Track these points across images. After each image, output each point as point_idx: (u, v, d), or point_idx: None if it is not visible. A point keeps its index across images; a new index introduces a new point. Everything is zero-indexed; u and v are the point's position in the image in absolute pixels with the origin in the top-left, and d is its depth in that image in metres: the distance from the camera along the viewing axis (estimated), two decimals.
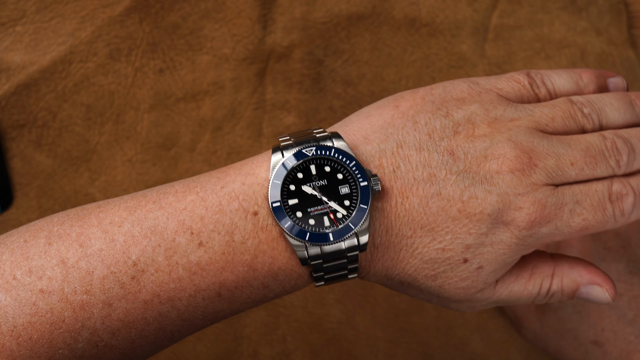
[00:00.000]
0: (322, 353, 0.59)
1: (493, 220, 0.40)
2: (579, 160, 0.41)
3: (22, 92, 0.58)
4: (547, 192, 0.40)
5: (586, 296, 0.45)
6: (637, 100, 0.46)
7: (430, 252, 0.40)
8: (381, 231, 0.40)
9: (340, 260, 0.40)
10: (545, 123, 0.42)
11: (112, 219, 0.39)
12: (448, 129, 0.41)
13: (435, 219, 0.40)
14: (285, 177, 0.39)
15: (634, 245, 0.55)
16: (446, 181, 0.40)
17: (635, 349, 0.52)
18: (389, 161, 0.40)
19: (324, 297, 0.60)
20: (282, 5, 0.61)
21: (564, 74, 0.46)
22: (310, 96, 0.61)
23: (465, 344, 0.60)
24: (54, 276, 0.37)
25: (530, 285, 0.43)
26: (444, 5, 0.62)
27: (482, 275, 0.41)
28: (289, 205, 0.39)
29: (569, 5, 0.63)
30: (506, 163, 0.40)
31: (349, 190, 0.40)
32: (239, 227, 0.39)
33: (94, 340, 0.38)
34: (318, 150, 0.40)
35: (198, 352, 0.58)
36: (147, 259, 0.38)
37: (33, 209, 0.58)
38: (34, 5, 0.58)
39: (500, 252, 0.41)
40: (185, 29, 0.60)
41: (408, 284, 0.42)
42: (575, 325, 0.54)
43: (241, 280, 0.39)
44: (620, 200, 0.42)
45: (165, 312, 0.39)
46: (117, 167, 0.59)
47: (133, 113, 0.59)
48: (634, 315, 0.52)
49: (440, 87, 0.43)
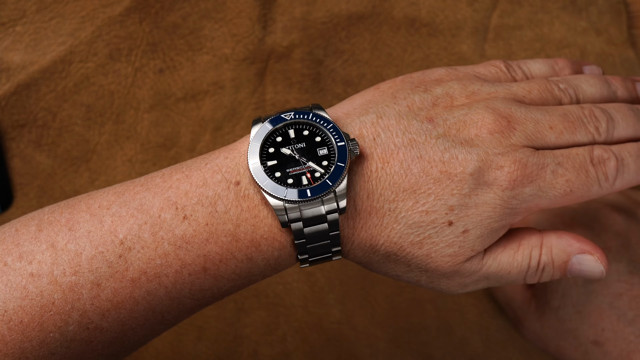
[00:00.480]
0: (322, 353, 0.59)
1: (475, 180, 0.40)
2: (557, 125, 0.42)
3: (22, 92, 0.58)
4: (527, 152, 0.41)
5: (578, 267, 0.44)
6: (613, 80, 0.47)
7: (414, 215, 0.40)
8: (362, 196, 0.40)
9: (320, 224, 0.40)
10: (523, 95, 0.43)
11: (101, 202, 0.40)
12: (427, 101, 0.42)
13: (417, 180, 0.40)
14: (264, 140, 0.40)
15: (635, 246, 0.55)
16: (426, 144, 0.40)
17: (635, 349, 0.52)
18: (369, 130, 0.41)
19: (324, 297, 0.60)
20: (282, 5, 0.61)
21: (539, 60, 0.47)
22: (310, 96, 0.61)
23: (465, 344, 0.60)
24: (43, 260, 0.38)
25: (519, 256, 0.43)
26: (444, 5, 0.62)
27: (469, 239, 0.41)
28: (268, 166, 0.40)
29: (569, 5, 0.63)
30: (485, 126, 0.41)
31: (327, 152, 0.40)
32: (221, 197, 0.39)
33: (84, 322, 0.38)
34: (296, 115, 0.41)
35: (198, 352, 0.58)
36: (134, 237, 0.39)
37: (33, 209, 0.58)
38: (34, 5, 0.58)
39: (485, 214, 0.41)
40: (185, 29, 0.60)
41: (394, 255, 0.41)
42: (575, 325, 0.54)
43: (225, 252, 0.39)
44: (603, 164, 0.42)
45: (153, 290, 0.39)
46: (117, 167, 0.59)
47: (133, 113, 0.60)
48: (634, 315, 0.52)
49: (420, 72, 0.44)
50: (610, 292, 0.53)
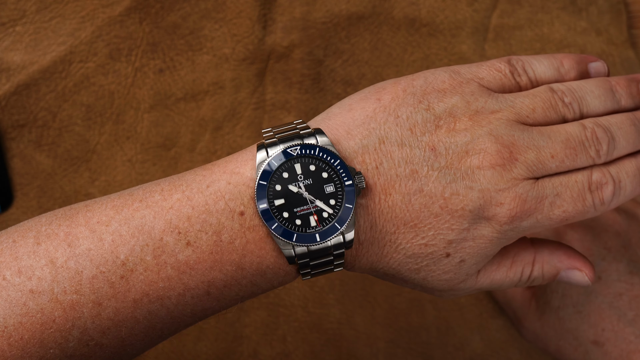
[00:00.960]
0: (322, 353, 0.59)
1: (474, 215, 0.40)
2: (559, 153, 0.42)
3: (22, 92, 0.58)
4: (527, 186, 0.41)
5: (566, 279, 0.45)
6: (618, 86, 0.46)
7: (414, 247, 0.41)
8: (365, 228, 0.40)
9: (326, 258, 0.40)
10: (526, 115, 0.43)
11: (100, 218, 0.39)
12: (429, 123, 0.41)
13: (418, 215, 0.40)
14: (271, 177, 0.40)
15: (635, 246, 0.55)
16: (428, 178, 0.40)
17: (635, 349, 0.52)
18: (371, 157, 0.41)
19: (324, 297, 0.60)
20: (282, 5, 0.61)
21: (545, 61, 0.46)
22: (310, 96, 0.61)
23: (465, 344, 0.60)
24: (43, 276, 0.38)
25: (511, 273, 0.44)
26: (444, 5, 0.62)
27: (464, 268, 0.42)
28: (276, 206, 0.39)
29: (569, 5, 0.63)
30: (487, 158, 0.40)
31: (334, 189, 0.40)
32: (226, 227, 0.39)
33: (85, 339, 0.38)
34: (303, 150, 0.40)
35: (198, 352, 0.58)
36: (136, 259, 0.38)
37: (33, 209, 0.58)
38: (34, 5, 0.58)
39: (481, 246, 0.41)
40: (185, 29, 0.60)
41: (392, 275, 0.42)
42: (575, 325, 0.54)
43: (230, 279, 0.39)
44: (600, 189, 0.42)
45: (154, 310, 0.39)
46: (117, 167, 0.59)
47: (133, 113, 0.59)
48: (634, 315, 0.52)
49: (422, 77, 0.43)
50: (610, 292, 0.53)
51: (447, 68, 0.44)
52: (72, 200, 0.58)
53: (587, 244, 0.55)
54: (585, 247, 0.55)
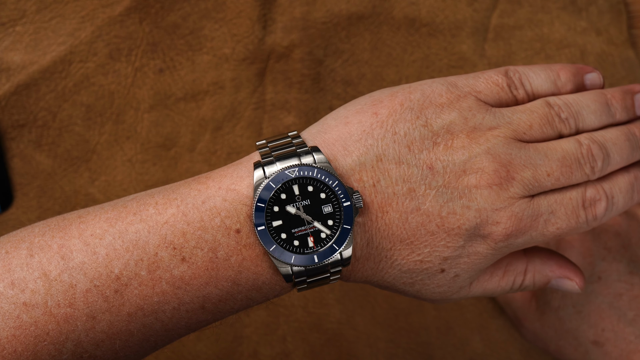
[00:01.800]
0: (322, 353, 0.59)
1: (470, 234, 0.41)
2: (555, 171, 0.42)
3: (22, 92, 0.58)
4: (523, 205, 0.41)
5: (556, 287, 0.46)
6: (613, 100, 0.46)
7: (409, 263, 0.41)
8: (362, 245, 0.41)
9: (323, 275, 0.40)
10: (523, 131, 0.43)
11: (93, 230, 0.39)
12: (427, 140, 0.41)
13: (414, 233, 0.40)
14: (269, 199, 0.39)
15: (635, 246, 0.55)
16: (425, 197, 0.40)
17: (635, 349, 0.52)
18: (368, 175, 0.40)
19: (324, 297, 0.60)
20: (282, 5, 0.61)
21: (542, 73, 0.46)
22: (310, 96, 0.61)
23: (465, 344, 0.60)
24: (36, 289, 0.37)
25: (503, 282, 0.45)
26: (444, 5, 0.62)
27: (458, 282, 0.42)
28: (274, 227, 0.39)
29: (569, 5, 0.63)
30: (484, 177, 0.41)
31: (332, 210, 0.40)
32: (222, 244, 0.39)
33: (78, 351, 0.38)
34: (301, 171, 0.40)
35: (198, 352, 0.58)
36: (130, 273, 0.38)
37: (33, 209, 0.58)
38: (34, 5, 0.58)
39: (476, 262, 0.42)
40: (185, 29, 0.60)
41: (386, 287, 0.43)
42: (575, 326, 0.54)
43: (225, 294, 0.39)
44: (594, 206, 0.43)
45: (149, 324, 0.39)
46: (117, 167, 0.59)
47: (133, 113, 0.59)
48: (634, 315, 0.52)
49: (419, 90, 0.43)
50: (610, 292, 0.53)
51: (444, 80, 0.44)
52: (72, 200, 0.58)
53: (587, 244, 0.55)
54: (585, 247, 0.55)
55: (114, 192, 0.59)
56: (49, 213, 0.58)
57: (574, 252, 0.54)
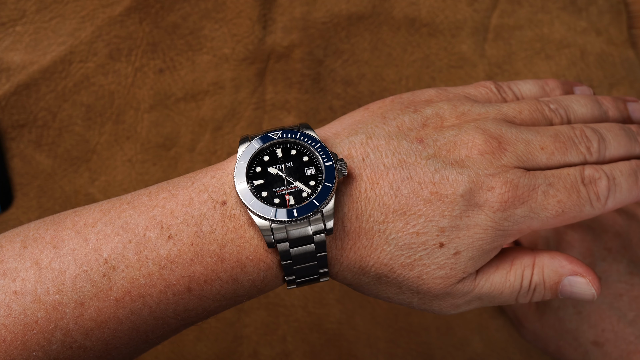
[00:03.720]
0: (322, 353, 0.59)
1: (466, 201, 0.40)
2: (548, 145, 0.42)
3: (22, 92, 0.58)
4: (518, 173, 0.41)
5: (570, 289, 0.44)
6: (604, 100, 0.46)
7: (405, 236, 0.40)
8: (351, 216, 0.40)
9: (307, 244, 0.39)
10: (513, 115, 0.43)
11: (86, 220, 0.39)
12: (416, 122, 0.42)
13: (407, 201, 0.40)
14: (251, 159, 0.40)
15: (635, 246, 0.55)
16: (416, 165, 0.40)
17: (635, 349, 0.52)
18: (357, 151, 0.41)
19: (324, 297, 0.60)
20: (282, 5, 0.61)
21: (529, 81, 0.46)
22: (310, 96, 0.61)
23: (465, 344, 0.60)
24: (27, 277, 0.38)
25: (511, 276, 0.43)
26: (444, 5, 0.62)
27: (460, 261, 0.41)
28: (255, 185, 0.39)
29: (569, 5, 0.63)
30: (475, 147, 0.40)
31: (314, 172, 0.40)
32: (207, 217, 0.39)
33: (68, 341, 0.38)
34: (284, 134, 0.40)
35: (198, 352, 0.58)
36: (118, 256, 0.38)
37: (33, 209, 0.58)
38: (34, 5, 0.58)
39: (476, 236, 0.40)
40: (185, 29, 0.60)
41: (385, 277, 0.41)
42: (575, 326, 0.54)
43: (210, 273, 0.39)
44: (594, 183, 0.42)
45: (137, 309, 0.39)
46: (117, 167, 0.59)
47: (133, 113, 0.59)
48: (634, 315, 0.53)
49: (410, 92, 0.44)
50: (610, 293, 0.53)
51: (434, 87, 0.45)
52: (72, 200, 0.58)
53: (588, 245, 0.55)
54: (585, 248, 0.55)
55: (114, 192, 0.59)
56: (49, 213, 0.58)
57: (574, 252, 0.54)
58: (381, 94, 0.61)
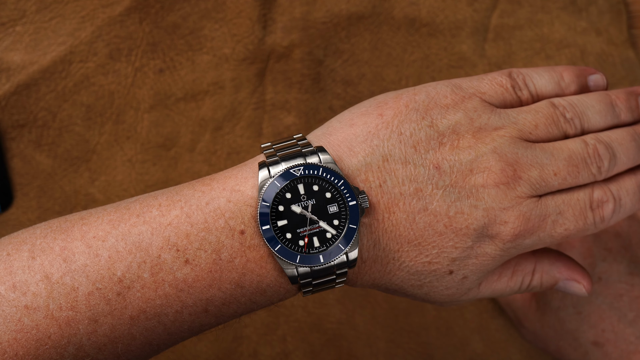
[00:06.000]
0: (322, 353, 0.59)
1: (479, 234, 0.40)
2: (562, 170, 0.42)
3: (22, 92, 0.58)
4: (531, 205, 0.41)
5: (563, 289, 0.46)
6: (618, 100, 0.46)
7: (417, 265, 0.41)
8: (369, 246, 0.40)
9: (329, 277, 0.40)
10: (529, 131, 0.43)
11: (96, 232, 0.39)
12: (433, 140, 0.41)
13: (422, 234, 0.40)
14: (274, 198, 0.39)
15: (635, 247, 0.55)
16: (432, 196, 0.40)
17: (635, 349, 0.52)
18: (375, 175, 0.40)
19: (324, 297, 0.60)
20: (282, 5, 0.61)
21: (545, 74, 0.46)
22: (310, 96, 0.61)
23: (465, 344, 0.60)
24: (38, 292, 0.37)
25: (512, 282, 0.44)
26: (444, 5, 0.62)
27: (467, 283, 0.42)
28: (279, 227, 0.39)
29: (569, 5, 0.63)
30: (491, 177, 0.40)
31: (337, 209, 0.39)
32: (225, 246, 0.38)
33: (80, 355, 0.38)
34: (306, 170, 0.40)
35: (198, 352, 0.58)
36: (133, 276, 0.38)
37: (33, 209, 0.58)
38: (34, 5, 0.58)
39: (484, 263, 0.41)
40: (185, 29, 0.60)
41: (394, 290, 0.43)
42: (575, 326, 0.54)
43: (229, 297, 0.39)
44: (601, 207, 0.43)
45: (151, 327, 0.39)
46: (117, 167, 0.59)
47: (133, 113, 0.59)
48: (634, 316, 0.53)
49: (424, 92, 0.43)
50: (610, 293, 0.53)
51: (448, 82, 0.44)
52: (72, 200, 0.58)
53: (588, 245, 0.55)
54: (585, 248, 0.55)
55: (114, 192, 0.59)
56: (48, 213, 0.58)
57: (574, 252, 0.54)
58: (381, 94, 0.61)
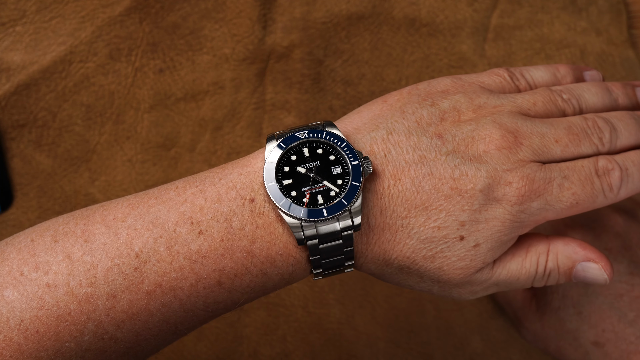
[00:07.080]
0: (322, 353, 0.59)
1: (484, 196, 0.41)
2: (562, 138, 0.43)
3: (22, 92, 0.58)
4: (534, 167, 0.42)
5: (583, 274, 0.45)
6: (614, 87, 0.48)
7: (427, 231, 0.41)
8: (375, 212, 0.41)
9: (335, 241, 0.40)
10: (528, 108, 0.44)
11: (116, 214, 0.40)
12: (435, 116, 0.43)
13: (429, 197, 0.41)
14: (279, 158, 0.41)
15: (635, 246, 0.55)
16: (436, 161, 0.41)
17: (635, 350, 0.52)
18: (379, 147, 0.42)
19: (324, 297, 0.60)
20: (282, 5, 0.61)
21: (541, 67, 0.48)
22: (310, 96, 0.61)
23: (465, 344, 0.60)
24: (59, 271, 0.38)
25: (527, 263, 0.44)
26: (444, 5, 0.62)
27: (480, 253, 0.42)
28: (284, 185, 0.40)
29: (569, 5, 0.63)
30: (493, 142, 0.42)
31: (341, 170, 0.41)
32: (236, 214, 0.40)
33: (100, 332, 0.39)
34: (310, 133, 0.41)
35: (198, 352, 0.58)
36: (149, 250, 0.39)
37: (33, 209, 0.58)
38: (34, 5, 0.58)
39: (495, 228, 0.42)
40: (185, 29, 0.60)
41: (407, 268, 0.42)
42: (575, 326, 0.54)
43: (240, 267, 0.40)
44: (607, 174, 0.44)
45: (168, 302, 0.39)
46: (117, 167, 0.59)
47: (133, 113, 0.59)
48: (634, 316, 0.53)
49: (425, 82, 0.45)
50: (610, 293, 0.53)
51: (449, 75, 0.46)
52: (72, 200, 0.58)
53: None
54: None
55: (114, 192, 0.59)
56: (49, 213, 0.58)
57: None
58: (381, 94, 0.61)
